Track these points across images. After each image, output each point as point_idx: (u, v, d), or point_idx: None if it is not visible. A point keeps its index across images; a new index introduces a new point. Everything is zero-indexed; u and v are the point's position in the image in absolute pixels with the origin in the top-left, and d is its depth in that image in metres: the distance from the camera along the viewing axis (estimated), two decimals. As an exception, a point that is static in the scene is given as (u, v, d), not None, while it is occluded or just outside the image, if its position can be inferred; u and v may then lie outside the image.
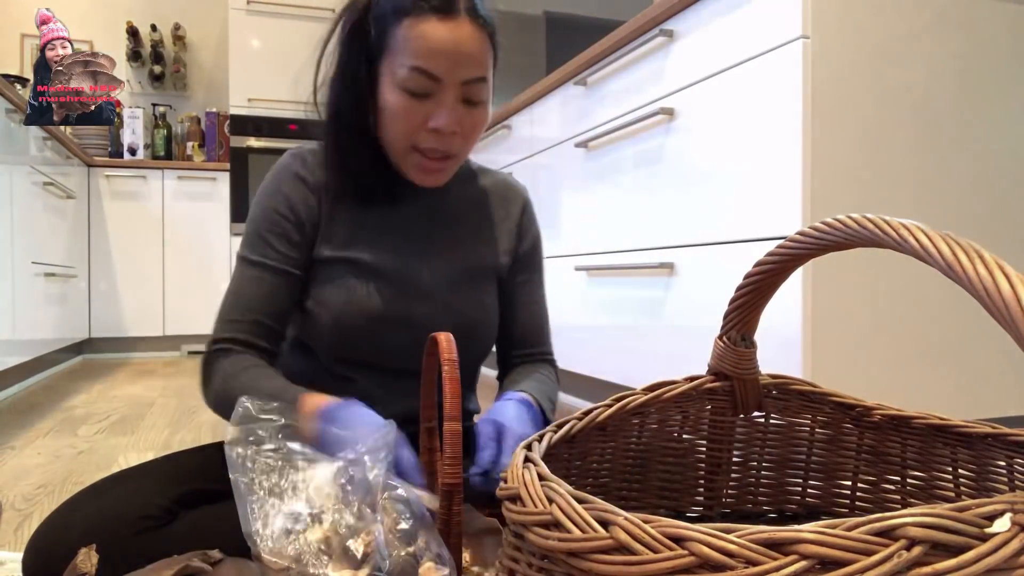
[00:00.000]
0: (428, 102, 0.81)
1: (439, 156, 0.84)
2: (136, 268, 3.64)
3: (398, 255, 0.90)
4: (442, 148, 0.83)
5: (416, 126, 0.82)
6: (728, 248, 1.45)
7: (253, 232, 0.89)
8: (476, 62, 0.80)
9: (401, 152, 0.85)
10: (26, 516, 1.20)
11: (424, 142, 0.83)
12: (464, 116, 0.83)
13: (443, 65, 0.79)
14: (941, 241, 0.36)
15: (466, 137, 0.85)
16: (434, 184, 0.88)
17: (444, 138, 0.83)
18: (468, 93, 0.82)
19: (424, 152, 0.84)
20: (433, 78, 0.79)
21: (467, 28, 0.79)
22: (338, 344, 0.88)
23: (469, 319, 0.92)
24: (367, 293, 0.87)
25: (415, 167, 0.86)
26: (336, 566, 0.52)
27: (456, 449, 0.57)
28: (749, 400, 0.64)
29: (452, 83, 0.80)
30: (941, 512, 0.31)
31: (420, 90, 0.80)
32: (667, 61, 1.65)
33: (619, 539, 0.34)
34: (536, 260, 1.03)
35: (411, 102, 0.81)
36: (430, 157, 0.84)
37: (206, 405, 0.85)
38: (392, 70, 0.81)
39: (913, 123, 1.34)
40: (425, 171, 0.86)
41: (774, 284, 0.55)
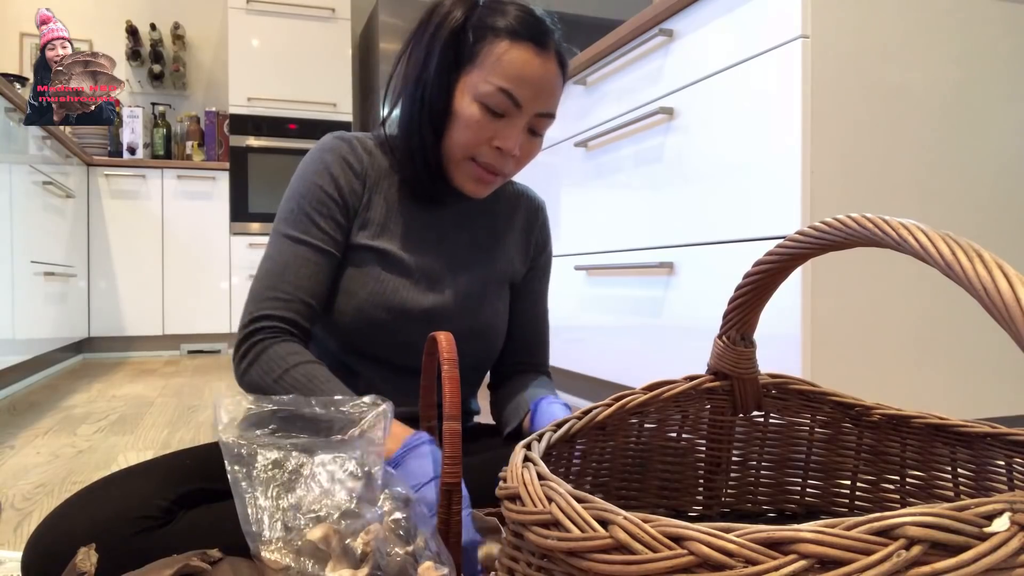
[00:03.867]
0: (500, 122, 0.85)
1: (496, 172, 0.88)
2: (135, 267, 3.64)
3: (427, 253, 0.92)
4: (499, 167, 0.87)
5: (483, 140, 0.85)
6: (728, 248, 1.45)
7: (297, 209, 0.87)
8: (553, 99, 0.86)
9: (458, 159, 0.87)
10: (26, 515, 1.20)
11: (484, 156, 0.86)
12: (525, 143, 0.88)
13: (528, 94, 0.83)
14: (941, 241, 0.36)
15: (519, 162, 0.89)
16: (480, 195, 0.91)
17: (503, 158, 0.86)
18: (536, 124, 0.87)
19: (481, 165, 0.87)
20: (515, 102, 0.83)
21: (554, 66, 0.85)
22: (355, 332, 0.89)
23: (484, 323, 0.95)
24: (392, 287, 0.89)
25: (468, 176, 0.88)
26: (336, 566, 0.52)
27: (456, 448, 0.57)
28: (748, 400, 0.64)
29: (528, 112, 0.85)
30: (940, 512, 0.31)
31: (499, 109, 0.84)
32: (667, 61, 1.65)
33: (618, 538, 0.34)
34: (546, 271, 1.06)
35: (486, 118, 0.84)
36: (485, 170, 0.87)
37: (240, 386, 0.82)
38: (476, 83, 0.84)
39: (913, 123, 1.34)
40: (477, 181, 0.88)
41: (774, 284, 0.55)
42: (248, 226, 3.77)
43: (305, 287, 0.84)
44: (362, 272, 0.89)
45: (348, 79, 3.99)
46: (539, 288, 1.04)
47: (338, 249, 0.88)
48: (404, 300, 0.89)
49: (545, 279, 1.06)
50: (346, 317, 0.88)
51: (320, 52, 3.93)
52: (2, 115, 2.28)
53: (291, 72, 3.88)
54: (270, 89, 3.83)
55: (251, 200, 3.79)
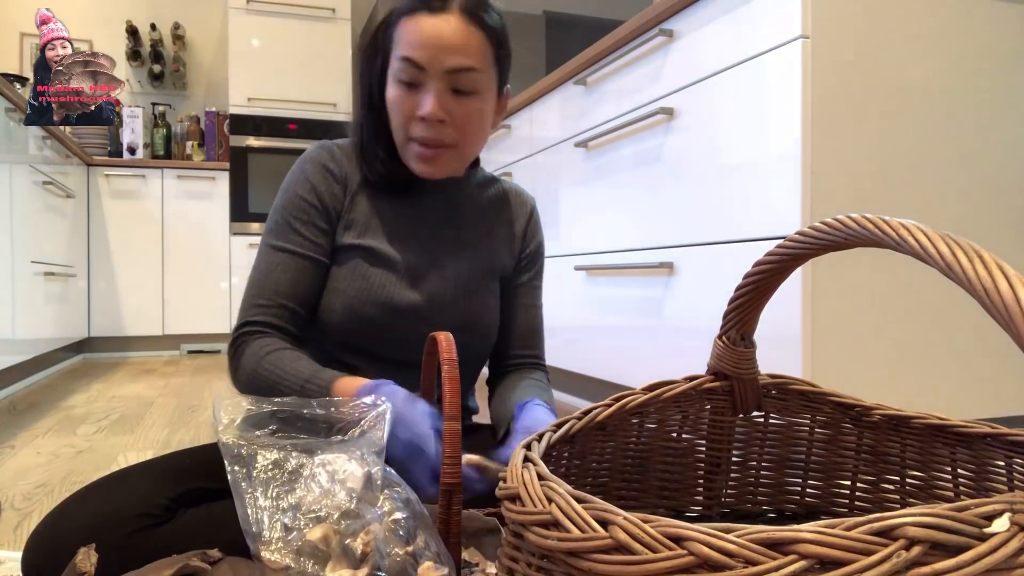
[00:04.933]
0: (418, 93, 0.86)
1: (433, 144, 0.87)
2: (135, 267, 3.64)
3: (413, 248, 0.94)
4: (432, 137, 0.87)
5: (407, 115, 0.87)
6: (728, 248, 1.45)
7: (280, 219, 0.92)
8: (461, 51, 0.84)
9: (401, 144, 0.90)
10: (26, 515, 1.20)
11: (415, 131, 0.87)
12: (454, 106, 0.86)
13: (426, 54, 0.84)
14: (941, 241, 0.36)
15: (460, 127, 0.88)
16: (432, 174, 0.91)
17: (432, 127, 0.86)
18: (455, 82, 0.85)
19: (418, 141, 0.88)
20: (418, 66, 0.84)
21: (455, 21, 0.84)
22: (346, 330, 0.90)
23: (474, 316, 0.95)
24: (380, 283, 0.90)
25: (413, 157, 0.89)
26: (336, 566, 0.52)
27: (456, 448, 0.57)
28: (748, 400, 0.64)
29: (435, 72, 0.84)
30: (940, 512, 0.31)
31: (409, 79, 0.85)
32: (667, 61, 1.65)
33: (618, 539, 0.34)
34: (538, 265, 1.06)
35: (403, 93, 0.86)
36: (424, 145, 0.88)
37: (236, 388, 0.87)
38: (391, 66, 0.88)
39: (913, 123, 1.34)
40: (420, 159, 0.89)
41: (774, 284, 0.55)
42: (248, 226, 3.77)
43: (285, 292, 0.88)
44: (349, 270, 0.90)
45: (348, 79, 3.99)
46: (531, 283, 1.05)
47: (322, 254, 0.91)
48: (391, 295, 0.90)
49: (537, 274, 1.06)
50: (336, 315, 0.89)
51: (320, 52, 3.93)
52: (2, 115, 2.28)
53: (291, 72, 3.88)
54: (270, 89, 3.83)
55: (251, 200, 3.79)
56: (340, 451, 0.60)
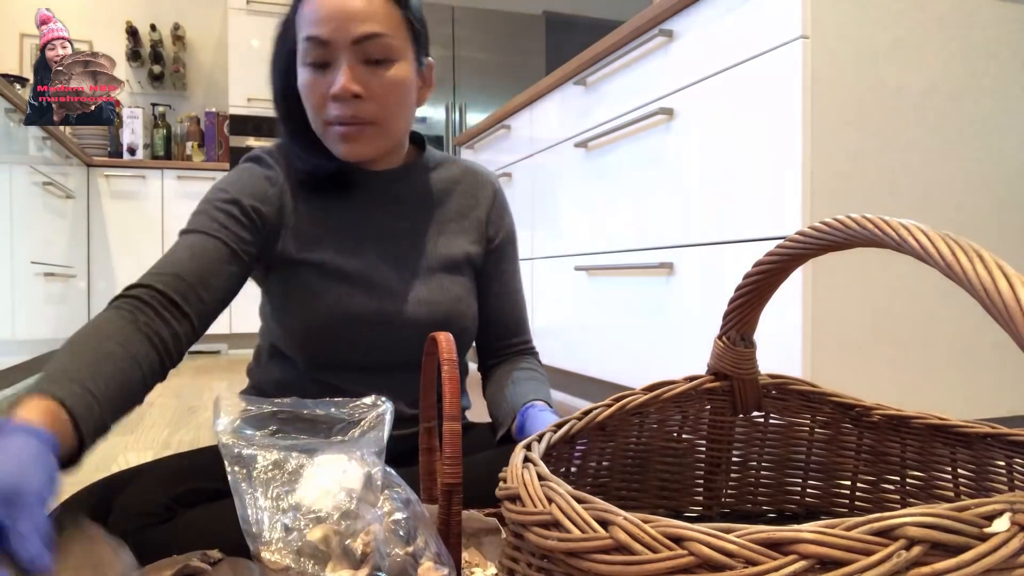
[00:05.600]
0: (329, 73, 0.82)
1: (351, 122, 0.83)
2: (136, 268, 3.60)
3: (362, 253, 0.89)
4: (348, 114, 0.82)
5: (321, 97, 0.82)
6: (728, 248, 1.45)
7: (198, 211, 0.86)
8: (365, 18, 0.80)
9: (321, 131, 0.86)
10: (26, 516, 1.20)
11: (331, 112, 0.83)
12: (369, 77, 0.82)
13: (328, 28, 0.80)
14: (941, 241, 0.36)
15: (379, 99, 0.83)
16: (356, 155, 0.85)
17: (348, 103, 0.81)
18: (365, 52, 0.81)
19: (333, 123, 0.83)
20: (323, 43, 0.80)
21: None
22: (313, 350, 0.87)
23: (444, 311, 0.91)
24: (335, 296, 0.86)
25: (334, 140, 0.84)
26: (336, 566, 0.52)
27: (456, 449, 0.57)
28: (748, 400, 0.64)
29: (342, 45, 0.80)
30: (940, 512, 0.31)
31: (317, 60, 0.81)
32: (667, 61, 1.65)
33: (618, 539, 0.34)
34: (512, 250, 1.02)
35: (313, 75, 0.82)
36: (341, 124, 0.83)
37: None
38: (299, 49, 0.84)
39: (913, 123, 1.34)
40: (341, 139, 0.84)
41: (774, 284, 0.55)
42: (248, 226, 3.78)
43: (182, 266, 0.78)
44: (303, 290, 0.86)
45: (348, 79, 3.99)
46: (507, 268, 1.00)
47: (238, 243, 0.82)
48: (348, 308, 0.85)
49: (511, 258, 1.01)
50: (298, 336, 0.86)
51: (320, 52, 3.93)
52: (2, 115, 2.28)
53: (291, 72, 3.88)
54: (270, 90, 3.83)
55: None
56: (340, 451, 0.60)
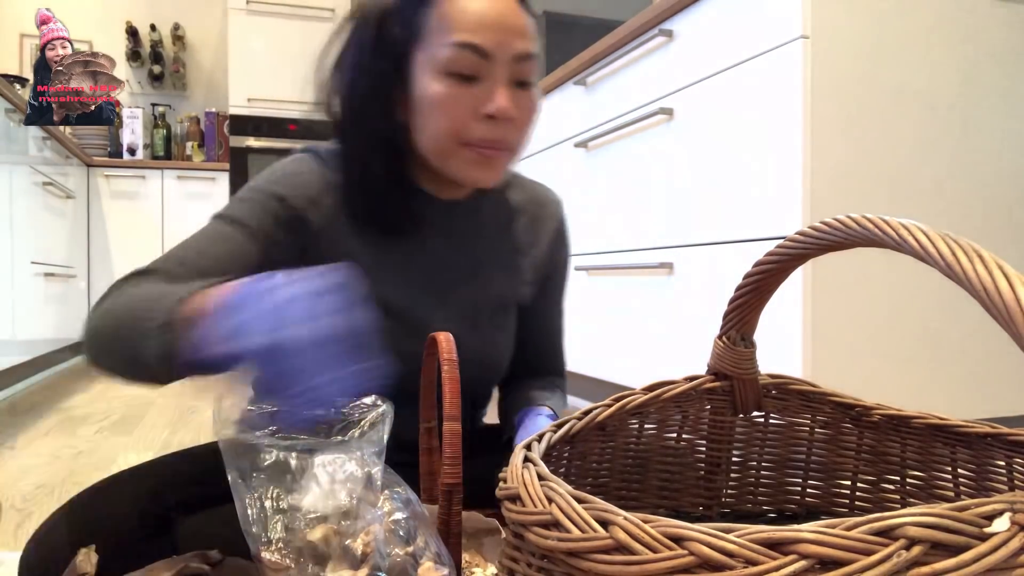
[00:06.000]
0: (476, 86, 0.71)
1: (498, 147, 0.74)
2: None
3: (413, 290, 0.80)
4: (499, 138, 0.73)
5: (466, 115, 0.71)
6: (728, 248, 1.45)
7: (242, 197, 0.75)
8: (526, 35, 0.72)
9: (447, 151, 0.74)
10: (26, 516, 1.20)
11: (476, 133, 0.72)
12: (518, 98, 0.73)
13: (493, 37, 0.70)
14: (941, 241, 0.36)
15: (520, 126, 0.75)
16: (489, 182, 0.77)
17: (500, 126, 0.72)
18: (519, 72, 0.72)
19: (476, 145, 0.73)
20: (482, 53, 0.70)
21: (511, 1, 0.72)
22: None
23: (482, 356, 0.84)
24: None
25: (468, 163, 0.74)
26: (336, 566, 0.52)
27: (456, 449, 0.57)
28: (749, 400, 0.64)
29: (503, 59, 0.71)
30: (940, 512, 0.31)
31: (468, 71, 0.70)
32: (667, 61, 1.65)
33: (618, 539, 0.34)
34: (562, 284, 0.96)
35: (458, 87, 0.71)
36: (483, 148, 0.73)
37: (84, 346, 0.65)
38: (431, 56, 0.71)
39: (913, 123, 1.34)
40: (481, 165, 0.74)
41: (774, 284, 0.55)
42: (248, 226, 3.78)
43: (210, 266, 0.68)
44: None
45: (348, 79, 3.99)
46: (553, 300, 0.94)
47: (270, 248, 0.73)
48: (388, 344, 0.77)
49: (561, 290, 0.95)
50: None
51: (320, 53, 3.93)
52: (2, 115, 2.28)
53: (291, 73, 3.87)
54: (270, 90, 3.83)
55: (251, 200, 3.79)
56: (340, 451, 0.60)
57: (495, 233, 0.87)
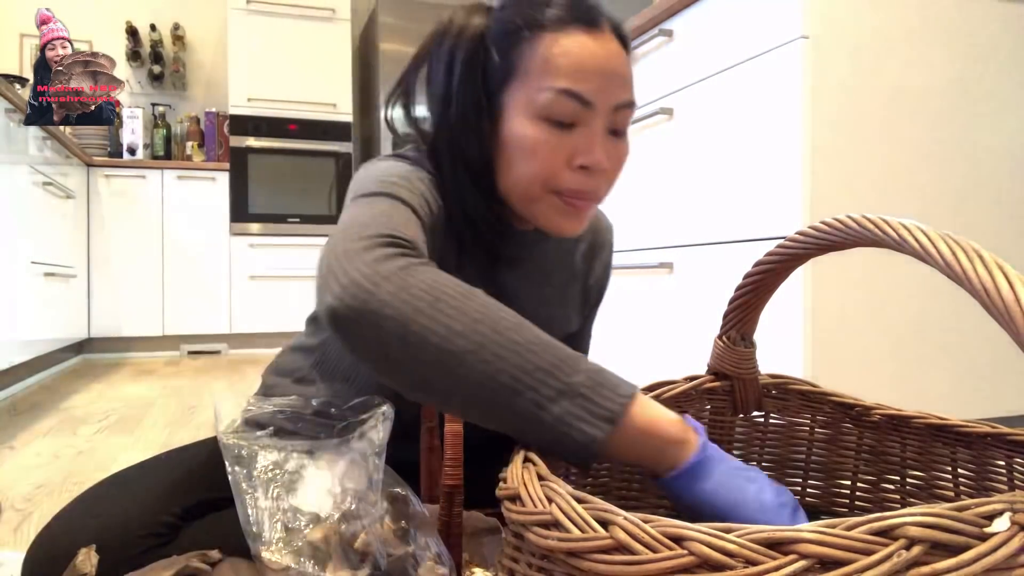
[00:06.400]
0: (573, 133, 0.67)
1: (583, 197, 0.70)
2: (136, 268, 3.64)
3: None
4: (591, 188, 0.70)
5: (560, 163, 0.68)
6: (728, 248, 1.45)
7: (403, 187, 0.66)
8: (627, 84, 0.69)
9: (534, 196, 0.70)
10: (26, 516, 1.20)
11: (567, 183, 0.68)
12: (611, 148, 0.70)
13: (595, 86, 0.66)
14: (941, 241, 0.36)
15: (611, 177, 0.72)
16: (574, 232, 0.73)
17: (594, 177, 0.69)
18: (617, 121, 0.69)
19: (566, 194, 0.69)
20: (584, 102, 0.66)
21: (613, 44, 0.68)
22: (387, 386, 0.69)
23: None
24: None
25: (554, 211, 0.70)
26: (336, 566, 0.52)
27: (457, 450, 0.57)
28: (749, 400, 0.64)
29: (604, 109, 0.67)
30: (940, 512, 0.31)
31: (567, 118, 0.67)
32: (666, 61, 1.65)
33: (619, 539, 0.34)
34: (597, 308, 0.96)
35: (554, 134, 0.67)
36: (573, 199, 0.70)
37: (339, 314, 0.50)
38: (528, 97, 0.67)
39: (913, 123, 1.34)
40: (567, 216, 0.71)
41: (774, 284, 0.55)
42: (248, 227, 3.78)
43: (412, 234, 0.59)
44: None
45: (348, 80, 3.99)
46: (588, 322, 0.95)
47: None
48: None
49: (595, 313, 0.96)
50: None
51: (320, 52, 3.93)
52: (2, 115, 2.28)
53: (291, 73, 3.88)
54: (270, 90, 3.83)
55: (251, 201, 3.79)
56: (340, 451, 0.60)
57: (558, 264, 0.85)
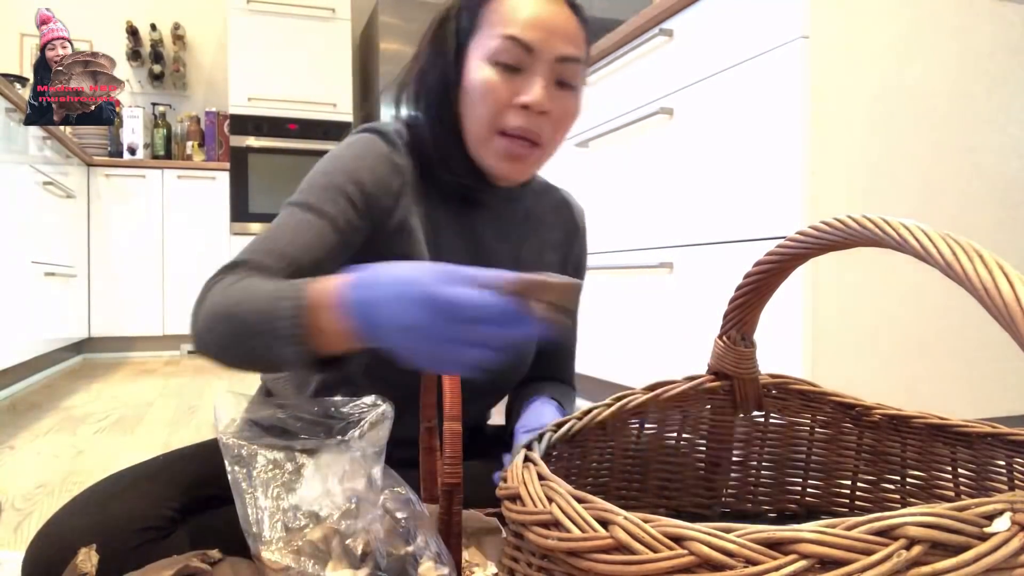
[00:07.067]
0: (518, 77, 0.76)
1: (525, 143, 0.78)
2: (136, 267, 3.64)
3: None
4: (530, 128, 0.77)
5: (504, 102, 0.76)
6: (728, 248, 1.45)
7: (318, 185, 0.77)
8: (572, 39, 0.77)
9: (484, 136, 0.78)
10: (26, 515, 1.20)
11: (511, 120, 0.77)
12: (555, 99, 0.77)
13: (538, 35, 0.75)
14: (941, 241, 0.36)
15: (556, 124, 0.79)
16: (515, 176, 0.82)
17: (533, 117, 0.76)
18: (562, 73, 0.77)
19: (511, 133, 0.77)
20: (527, 48, 0.75)
21: (564, 8, 0.77)
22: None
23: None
24: None
25: (498, 154, 0.78)
26: (336, 565, 0.52)
27: (456, 449, 0.57)
28: (749, 400, 0.64)
29: (546, 57, 0.76)
30: (941, 511, 0.31)
31: (512, 62, 0.76)
32: (667, 61, 1.65)
33: (619, 538, 0.34)
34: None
35: (501, 76, 0.76)
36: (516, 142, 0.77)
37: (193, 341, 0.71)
38: (482, 45, 0.77)
39: (913, 123, 1.34)
40: (509, 159, 0.79)
41: (774, 284, 0.55)
42: (248, 226, 3.77)
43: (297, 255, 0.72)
44: None
45: (348, 79, 3.99)
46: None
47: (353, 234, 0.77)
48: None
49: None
50: None
51: (320, 52, 3.93)
52: (2, 115, 2.28)
53: (291, 72, 3.88)
54: (270, 89, 3.83)
55: (251, 200, 3.79)
56: (340, 451, 0.60)
57: (535, 227, 0.92)
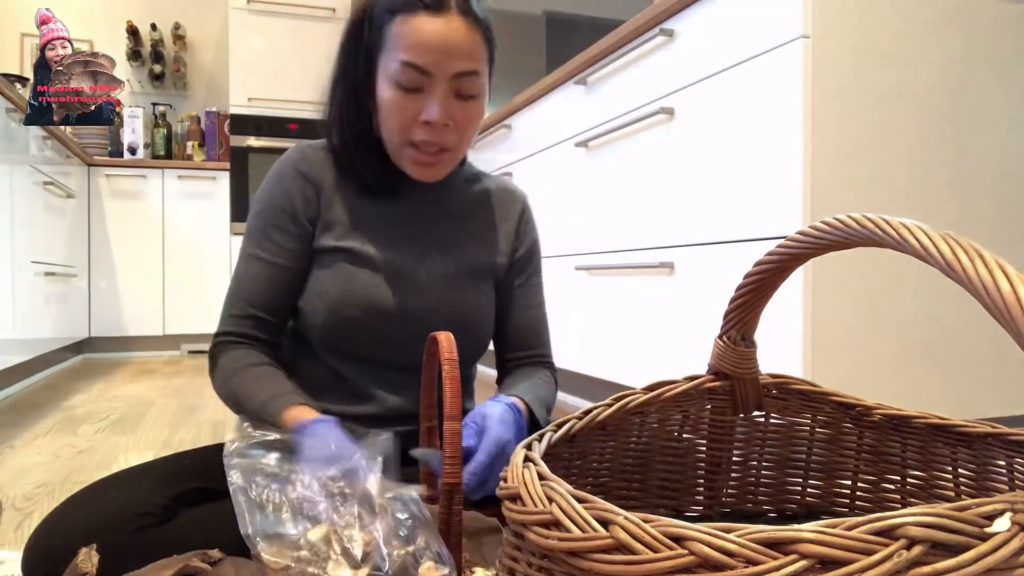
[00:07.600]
0: (420, 96, 0.83)
1: (433, 150, 0.86)
2: (136, 267, 3.64)
3: (396, 248, 0.91)
4: (435, 141, 0.85)
5: (409, 120, 0.84)
6: (728, 248, 1.45)
7: (255, 226, 0.92)
8: (466, 56, 0.82)
9: (397, 147, 0.87)
10: (26, 515, 1.20)
11: (417, 135, 0.85)
12: (457, 109, 0.84)
13: (432, 59, 0.81)
14: (941, 241, 0.36)
15: (460, 131, 0.86)
16: (430, 178, 0.89)
17: (436, 131, 0.84)
18: (459, 87, 0.83)
19: (418, 146, 0.85)
20: (423, 72, 0.81)
21: (457, 23, 0.81)
22: (332, 334, 0.89)
23: (464, 316, 0.93)
24: (362, 283, 0.88)
25: (411, 161, 0.87)
26: (336, 566, 0.52)
27: (456, 449, 0.58)
28: (749, 400, 0.64)
29: (442, 77, 0.82)
30: (941, 512, 0.31)
31: (411, 84, 0.82)
32: (667, 61, 1.65)
33: (619, 538, 0.34)
34: (534, 263, 1.03)
35: (403, 97, 0.83)
36: (424, 151, 0.86)
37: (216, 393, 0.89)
38: (386, 66, 0.84)
39: (913, 123, 1.34)
40: (420, 165, 0.87)
41: (774, 284, 0.55)
42: (248, 226, 3.77)
43: (258, 302, 0.89)
44: (331, 273, 0.89)
45: (348, 79, 3.99)
46: (527, 280, 1.02)
47: (296, 260, 0.90)
48: (374, 296, 0.88)
49: (533, 271, 1.03)
50: (320, 318, 0.88)
51: (321, 52, 3.92)
52: (3, 115, 2.28)
53: (291, 72, 3.87)
54: (270, 89, 3.82)
55: (252, 200, 3.79)
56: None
57: (467, 211, 0.99)
